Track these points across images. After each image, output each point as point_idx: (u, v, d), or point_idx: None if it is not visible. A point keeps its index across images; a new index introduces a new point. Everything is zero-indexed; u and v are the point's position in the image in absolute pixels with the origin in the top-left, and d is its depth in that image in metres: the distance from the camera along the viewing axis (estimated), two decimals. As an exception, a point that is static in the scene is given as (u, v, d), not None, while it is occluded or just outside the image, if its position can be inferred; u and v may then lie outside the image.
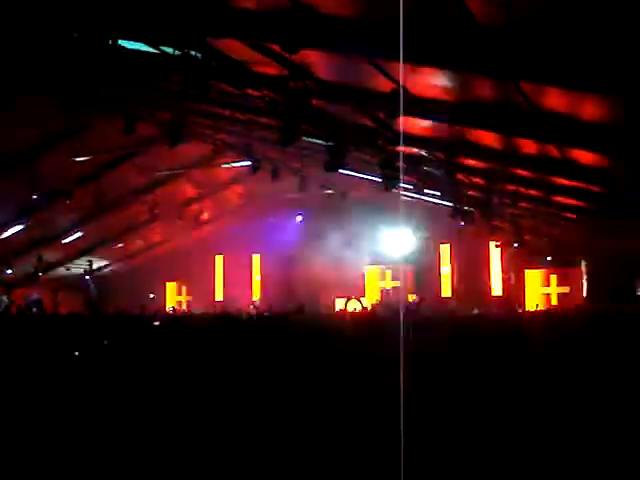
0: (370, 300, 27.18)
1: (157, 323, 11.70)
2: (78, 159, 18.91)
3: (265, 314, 20.71)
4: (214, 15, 8.14)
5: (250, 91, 11.12)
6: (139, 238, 29.08)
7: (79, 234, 25.76)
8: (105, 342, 7.72)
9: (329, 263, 27.35)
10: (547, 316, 17.89)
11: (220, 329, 9.68)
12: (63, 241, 25.74)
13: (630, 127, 9.05)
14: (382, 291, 27.49)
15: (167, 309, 29.95)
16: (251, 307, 27.16)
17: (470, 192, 18.09)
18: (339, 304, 27.22)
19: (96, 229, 25.64)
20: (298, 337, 7.83)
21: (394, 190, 15.48)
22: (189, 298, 32.89)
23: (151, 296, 30.80)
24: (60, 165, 19.00)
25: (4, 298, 24.23)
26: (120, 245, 28.59)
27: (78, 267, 28.27)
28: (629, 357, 7.02)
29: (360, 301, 25.44)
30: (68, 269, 27.71)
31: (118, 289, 28.59)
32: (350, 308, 24.40)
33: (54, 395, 4.88)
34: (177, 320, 15.05)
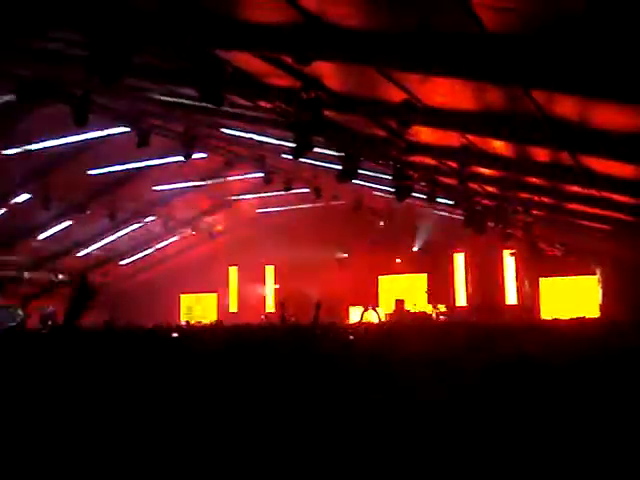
0: (385, 310, 27.11)
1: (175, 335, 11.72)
2: (93, 172, 19.07)
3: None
4: (226, 29, 8.19)
5: (262, 103, 11.17)
6: (153, 250, 29.24)
7: (94, 246, 25.97)
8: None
9: (344, 273, 27.40)
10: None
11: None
12: (77, 254, 25.96)
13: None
14: (397, 301, 27.43)
15: (181, 322, 30.03)
16: (262, 317, 27.12)
17: (484, 201, 18.06)
18: (354, 314, 27.20)
19: (110, 241, 25.83)
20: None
21: (407, 200, 15.50)
22: (203, 310, 32.97)
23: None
24: (75, 178, 19.16)
25: (19, 312, 24.32)
26: (134, 257, 28.74)
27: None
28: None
29: (376, 311, 25.36)
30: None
31: (133, 302, 28.70)
32: (366, 318, 24.32)
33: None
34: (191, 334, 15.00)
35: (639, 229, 16.53)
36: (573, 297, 25.75)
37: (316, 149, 12.38)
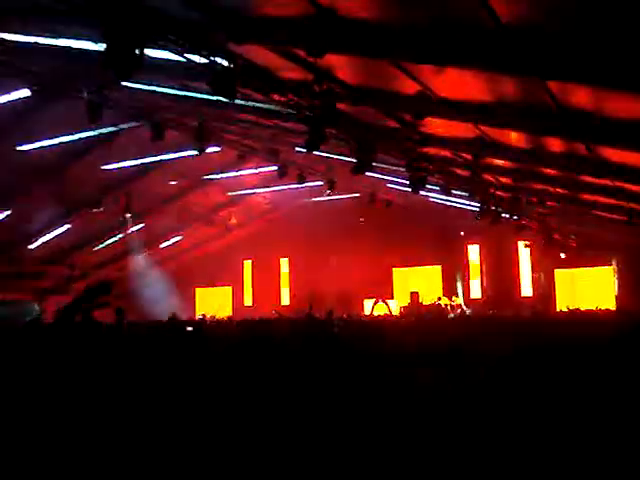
0: (400, 302, 27.09)
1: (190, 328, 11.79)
2: (107, 167, 19.15)
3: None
4: (240, 23, 8.21)
5: (275, 96, 11.19)
6: (168, 244, 29.32)
7: (110, 241, 26.09)
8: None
9: (358, 265, 27.40)
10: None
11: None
12: (94, 248, 26.10)
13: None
14: (412, 294, 27.40)
15: (197, 316, 30.09)
16: (273, 312, 26.97)
17: (498, 192, 18.01)
18: (368, 306, 27.22)
19: (126, 236, 25.91)
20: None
21: (422, 191, 15.49)
22: (219, 303, 33.05)
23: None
24: (89, 173, 19.24)
25: (36, 306, 24.45)
26: (149, 252, 28.83)
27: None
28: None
29: (387, 304, 25.39)
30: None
31: (148, 295, 28.77)
32: (377, 311, 24.38)
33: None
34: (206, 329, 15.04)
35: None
36: (589, 288, 25.64)
37: (330, 142, 12.40)
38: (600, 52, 6.75)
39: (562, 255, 24.88)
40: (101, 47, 7.82)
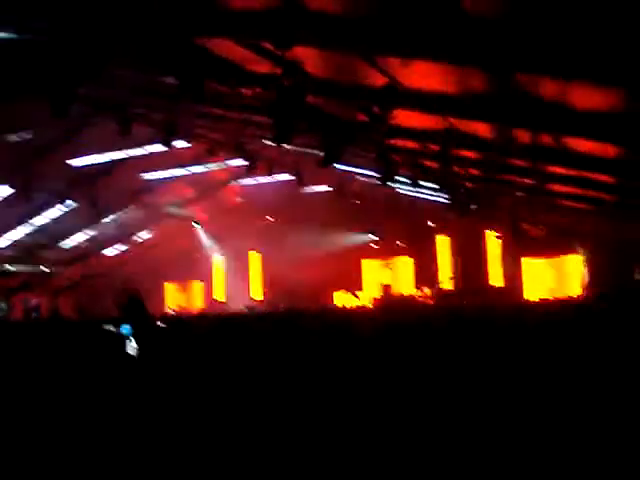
0: (370, 294, 27.17)
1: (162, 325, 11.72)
2: (73, 163, 18.93)
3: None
4: (206, 16, 8.15)
5: (243, 90, 11.12)
6: (135, 239, 29.13)
7: (77, 238, 25.84)
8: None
9: (328, 258, 27.45)
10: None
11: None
12: (62, 245, 25.83)
13: (631, 114, 9.08)
14: (383, 286, 27.51)
15: (167, 310, 29.95)
16: (241, 307, 26.86)
17: (467, 183, 18.10)
18: (337, 299, 27.37)
19: (93, 232, 25.71)
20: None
21: (391, 184, 15.52)
22: (189, 299, 32.93)
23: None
24: (56, 169, 19.01)
25: (2, 305, 24.19)
26: (117, 247, 28.64)
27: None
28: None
29: (356, 296, 25.55)
30: None
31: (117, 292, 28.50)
32: (347, 303, 24.46)
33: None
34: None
35: (620, 208, 16.66)
36: (557, 277, 25.89)
37: (298, 135, 12.35)
38: (564, 43, 6.79)
39: (531, 245, 25.06)
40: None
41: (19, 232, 23.32)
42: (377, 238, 28.38)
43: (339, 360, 6.04)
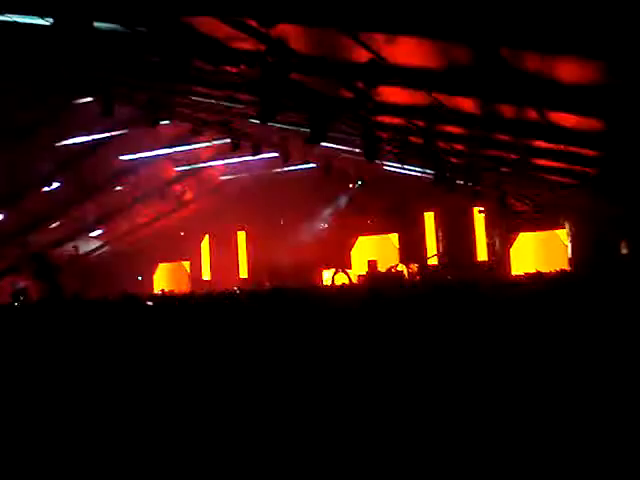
0: (358, 272, 27.23)
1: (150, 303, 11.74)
2: (58, 144, 18.82)
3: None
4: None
5: (227, 68, 11.07)
6: (123, 221, 28.99)
7: (63, 219, 25.70)
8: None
9: (315, 236, 27.49)
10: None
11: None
12: (50, 226, 25.68)
13: (611, 87, 9.12)
14: (369, 262, 27.55)
15: (156, 291, 29.93)
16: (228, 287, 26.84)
17: (453, 159, 18.13)
18: (326, 277, 27.33)
19: (80, 214, 25.57)
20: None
21: (376, 161, 15.53)
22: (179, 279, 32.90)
23: (139, 278, 30.88)
24: (41, 150, 18.90)
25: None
26: (104, 229, 28.51)
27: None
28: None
29: (346, 273, 25.52)
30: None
31: (105, 273, 28.48)
32: (337, 281, 24.47)
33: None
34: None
35: (605, 182, 16.74)
36: (543, 252, 26.01)
37: (284, 112, 12.34)
38: (547, 17, 6.81)
39: (517, 220, 25.17)
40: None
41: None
42: (365, 216, 28.39)
43: (320, 336, 6.07)
